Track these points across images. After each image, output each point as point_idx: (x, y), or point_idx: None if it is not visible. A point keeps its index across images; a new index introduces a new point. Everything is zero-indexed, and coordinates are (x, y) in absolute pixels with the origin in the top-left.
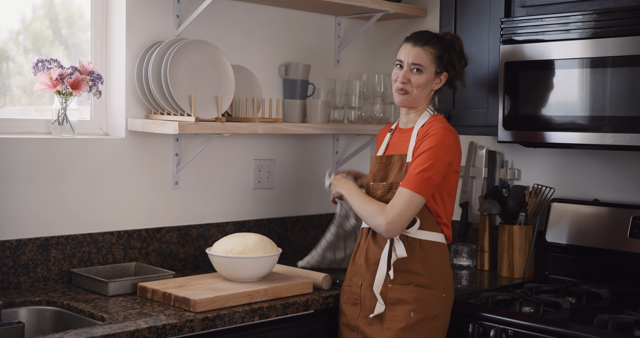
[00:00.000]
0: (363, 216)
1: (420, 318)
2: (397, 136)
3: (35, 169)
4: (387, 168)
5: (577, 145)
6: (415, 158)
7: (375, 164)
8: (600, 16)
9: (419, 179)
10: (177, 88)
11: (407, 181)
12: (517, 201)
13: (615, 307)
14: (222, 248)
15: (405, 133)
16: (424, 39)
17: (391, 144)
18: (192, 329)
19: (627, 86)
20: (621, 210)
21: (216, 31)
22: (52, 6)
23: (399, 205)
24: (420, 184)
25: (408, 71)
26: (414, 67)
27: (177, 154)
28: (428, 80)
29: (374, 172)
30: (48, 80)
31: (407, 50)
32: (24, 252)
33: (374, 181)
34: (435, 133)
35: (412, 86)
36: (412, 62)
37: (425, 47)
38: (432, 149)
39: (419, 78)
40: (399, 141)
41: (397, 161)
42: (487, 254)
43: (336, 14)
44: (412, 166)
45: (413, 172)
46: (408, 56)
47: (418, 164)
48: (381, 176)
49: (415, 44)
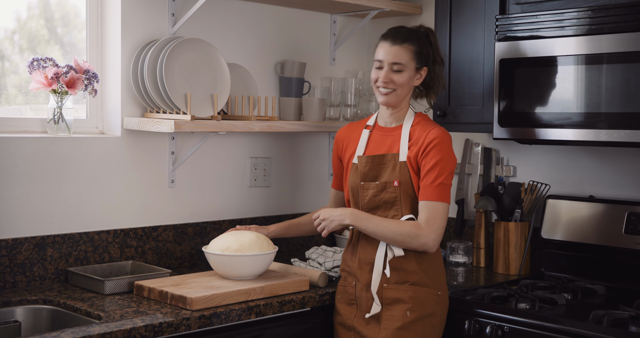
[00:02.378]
0: (398, 241)
1: (417, 317)
2: (379, 135)
3: (31, 168)
4: (379, 167)
5: (573, 142)
6: (430, 169)
7: (365, 164)
8: (595, 13)
9: (441, 189)
10: (172, 86)
11: (433, 195)
12: (513, 198)
13: (611, 302)
14: (219, 246)
15: (391, 132)
16: (401, 36)
17: (372, 142)
18: (188, 327)
19: (622, 83)
20: (616, 206)
21: (212, 29)
22: (47, 5)
23: (437, 219)
24: (443, 194)
25: (389, 71)
26: (395, 67)
27: (173, 153)
28: (410, 77)
29: (364, 171)
30: (43, 79)
31: (385, 49)
32: (20, 251)
33: (365, 181)
34: (439, 141)
35: (395, 84)
36: (392, 62)
37: (404, 45)
38: (444, 160)
39: (401, 77)
40: (383, 140)
41: (390, 161)
42: (483, 251)
43: (331, 12)
44: (431, 177)
45: (434, 184)
46: (387, 55)
47: (437, 175)
48: (372, 175)
49: (394, 43)
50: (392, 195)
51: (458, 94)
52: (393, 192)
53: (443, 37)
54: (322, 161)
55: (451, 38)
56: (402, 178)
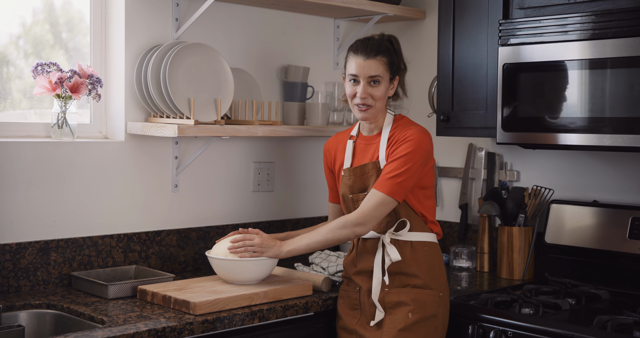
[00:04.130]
0: (335, 240)
1: (419, 319)
2: (362, 145)
3: (35, 173)
4: (364, 178)
5: (576, 146)
6: (391, 161)
7: (349, 177)
8: (598, 17)
9: (393, 183)
10: (176, 91)
11: (381, 185)
12: (517, 202)
13: (615, 308)
14: (222, 250)
15: (372, 141)
16: (373, 49)
17: (357, 153)
18: (192, 332)
19: (625, 87)
20: (620, 211)
21: (215, 34)
22: (52, 10)
23: (370, 206)
24: (393, 188)
25: (366, 85)
26: (372, 80)
27: (176, 157)
28: (386, 88)
29: (349, 185)
30: (47, 84)
31: (359, 64)
32: (24, 255)
33: (353, 193)
34: (412, 138)
35: (374, 99)
36: (369, 75)
37: (378, 58)
38: (409, 155)
39: (379, 90)
40: (366, 149)
41: (372, 169)
42: (487, 256)
43: (335, 17)
44: (386, 169)
45: (387, 176)
46: (363, 70)
47: (393, 168)
48: (359, 187)
49: (367, 57)
50: None
51: (461, 99)
52: None
53: (446, 41)
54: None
55: (454, 43)
56: None
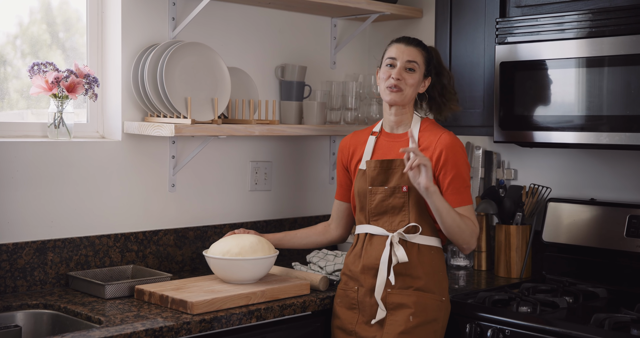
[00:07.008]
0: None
1: (419, 322)
2: (386, 141)
3: (31, 173)
4: (388, 173)
5: (574, 145)
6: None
7: (374, 169)
8: (595, 16)
9: (467, 193)
10: (173, 90)
11: (463, 200)
12: (514, 201)
13: (612, 306)
14: (219, 250)
15: (399, 139)
16: (414, 41)
17: (380, 148)
18: (189, 331)
19: (622, 85)
20: (617, 209)
21: (212, 33)
22: (49, 10)
23: (475, 218)
24: (470, 196)
25: (402, 69)
26: (409, 66)
27: (173, 157)
28: (419, 80)
29: (372, 176)
30: (44, 83)
31: (400, 49)
32: (21, 255)
33: (373, 185)
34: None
35: (406, 84)
36: (407, 60)
37: (418, 48)
38: (463, 166)
39: (413, 77)
40: (391, 145)
41: (399, 166)
42: (485, 254)
43: (332, 16)
44: (457, 183)
45: (460, 189)
46: (402, 54)
47: (462, 182)
48: (381, 180)
49: (409, 44)
50: (400, 201)
51: (459, 98)
52: (401, 197)
53: (443, 40)
54: (322, 164)
55: (451, 41)
56: (411, 183)
